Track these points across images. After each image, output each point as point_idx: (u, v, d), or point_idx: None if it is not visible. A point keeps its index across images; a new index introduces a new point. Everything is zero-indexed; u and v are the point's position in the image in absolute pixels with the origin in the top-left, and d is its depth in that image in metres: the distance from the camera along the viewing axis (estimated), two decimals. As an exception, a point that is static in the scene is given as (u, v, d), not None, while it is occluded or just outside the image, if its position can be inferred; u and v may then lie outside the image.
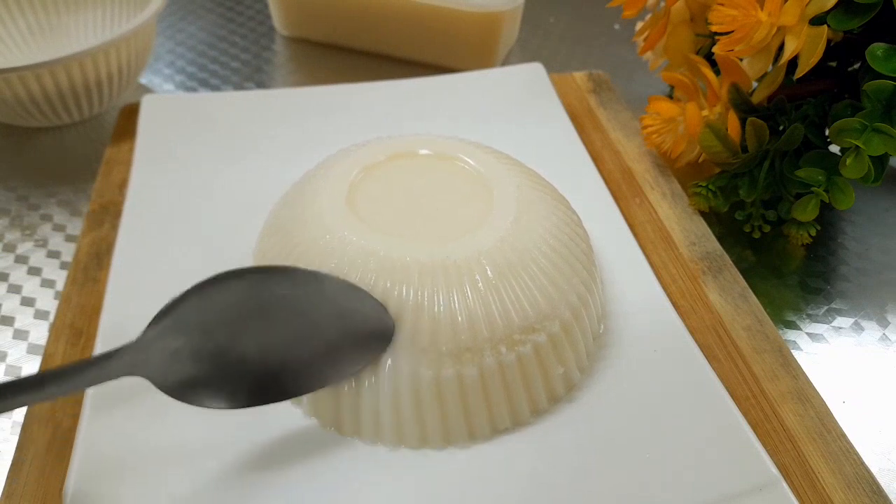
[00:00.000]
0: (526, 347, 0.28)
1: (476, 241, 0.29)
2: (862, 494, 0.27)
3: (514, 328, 0.28)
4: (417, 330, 0.27)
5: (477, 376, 0.27)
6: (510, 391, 0.28)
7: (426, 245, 0.28)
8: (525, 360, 0.28)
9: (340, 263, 0.28)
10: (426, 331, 0.27)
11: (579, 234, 0.32)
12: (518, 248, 0.29)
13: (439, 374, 0.27)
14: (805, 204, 0.36)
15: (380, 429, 0.28)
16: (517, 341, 0.28)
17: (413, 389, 0.27)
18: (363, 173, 0.32)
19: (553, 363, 0.29)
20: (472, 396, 0.28)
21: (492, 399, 0.28)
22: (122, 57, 0.44)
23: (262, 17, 0.60)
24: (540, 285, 0.28)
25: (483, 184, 0.32)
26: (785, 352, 0.32)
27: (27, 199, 0.42)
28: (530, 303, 0.28)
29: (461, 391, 0.27)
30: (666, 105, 0.40)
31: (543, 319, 0.28)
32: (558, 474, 0.27)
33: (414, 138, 0.34)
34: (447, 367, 0.27)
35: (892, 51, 0.34)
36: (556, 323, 0.29)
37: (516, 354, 0.28)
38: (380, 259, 0.28)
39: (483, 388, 0.28)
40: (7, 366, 0.33)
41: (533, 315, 0.28)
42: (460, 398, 0.27)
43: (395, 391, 0.27)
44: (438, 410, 0.28)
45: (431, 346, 0.27)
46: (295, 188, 0.34)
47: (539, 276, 0.29)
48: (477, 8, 0.49)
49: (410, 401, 0.27)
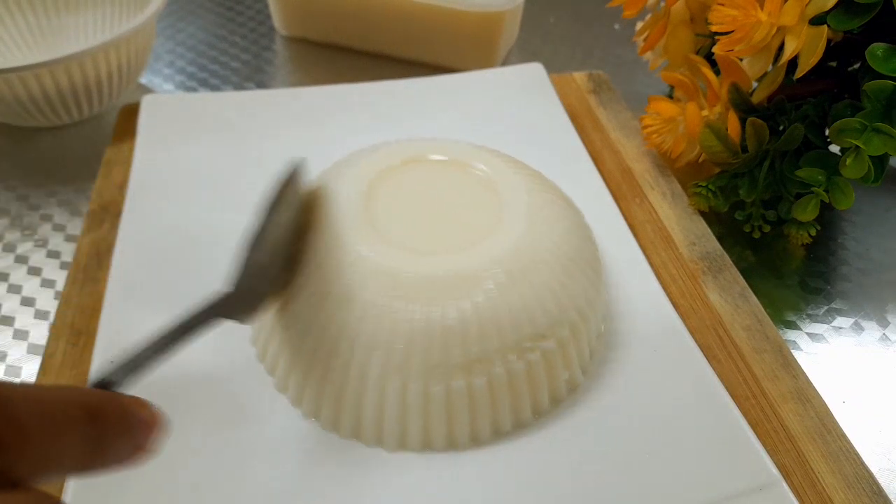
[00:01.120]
0: (535, 354, 0.28)
1: (489, 249, 0.28)
2: (862, 494, 0.27)
3: (525, 336, 0.28)
4: (430, 346, 0.27)
5: (485, 385, 0.27)
6: (515, 396, 0.28)
7: (439, 258, 0.28)
8: (533, 366, 0.28)
9: (351, 281, 0.28)
10: (438, 346, 0.27)
11: (588, 237, 0.32)
12: (530, 253, 0.29)
13: (449, 387, 0.27)
14: (805, 204, 0.36)
15: (382, 433, 0.28)
16: (527, 349, 0.28)
17: (422, 404, 0.27)
18: (377, 179, 0.32)
19: (560, 368, 0.29)
20: (480, 403, 0.28)
21: (497, 404, 0.28)
22: (121, 57, 0.44)
23: (262, 17, 0.60)
24: (551, 290, 0.28)
25: (494, 189, 0.31)
26: (785, 352, 0.32)
27: (27, 199, 0.42)
28: (542, 309, 0.28)
29: (470, 400, 0.27)
30: (666, 105, 0.40)
31: (553, 325, 0.28)
32: (558, 475, 0.27)
33: (426, 143, 0.34)
34: (457, 380, 0.27)
35: (892, 51, 0.34)
36: (565, 328, 0.29)
37: (525, 362, 0.28)
38: (393, 278, 0.27)
39: (490, 395, 0.28)
40: (7, 366, 0.33)
41: (544, 322, 0.28)
42: (468, 407, 0.27)
43: (401, 403, 0.27)
44: (445, 418, 0.27)
45: (443, 361, 0.27)
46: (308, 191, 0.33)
47: (550, 282, 0.29)
48: (477, 8, 0.49)
49: (418, 413, 0.27)
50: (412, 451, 0.28)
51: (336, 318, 0.27)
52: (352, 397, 0.28)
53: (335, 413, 0.28)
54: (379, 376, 0.27)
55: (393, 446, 0.28)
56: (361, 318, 0.27)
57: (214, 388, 0.30)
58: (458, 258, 0.28)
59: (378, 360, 0.27)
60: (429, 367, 0.27)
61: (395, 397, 0.27)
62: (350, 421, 0.28)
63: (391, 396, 0.27)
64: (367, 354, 0.27)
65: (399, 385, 0.27)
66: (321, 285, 0.28)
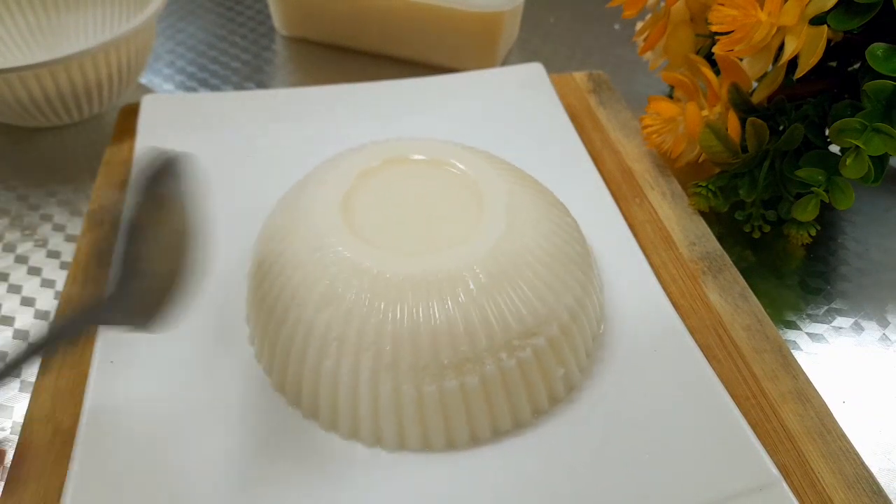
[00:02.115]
0: (526, 352, 0.28)
1: (468, 250, 0.29)
2: (862, 494, 0.27)
3: (513, 333, 0.28)
4: (418, 347, 0.27)
5: (479, 384, 0.27)
6: (511, 395, 0.28)
7: (419, 258, 0.28)
8: (525, 364, 0.28)
9: (334, 282, 0.28)
10: (426, 346, 0.27)
11: (574, 237, 0.32)
12: (511, 253, 0.29)
13: (442, 387, 0.27)
14: (805, 204, 0.36)
15: (381, 433, 0.28)
16: (517, 346, 0.28)
17: (417, 404, 0.27)
18: (357, 181, 0.32)
19: (553, 365, 0.29)
20: (475, 403, 0.28)
21: (494, 403, 0.28)
22: (121, 57, 0.44)
23: (262, 17, 0.60)
24: (535, 289, 0.29)
25: (475, 189, 0.32)
26: (785, 352, 0.32)
27: (27, 199, 0.42)
28: (527, 307, 0.28)
29: (465, 399, 0.27)
30: (666, 105, 0.40)
31: (541, 323, 0.28)
32: (558, 475, 0.27)
33: (407, 143, 0.34)
34: (450, 379, 0.27)
35: (892, 51, 0.34)
36: (553, 326, 0.29)
37: (516, 360, 0.28)
38: (373, 278, 0.28)
39: (485, 395, 0.28)
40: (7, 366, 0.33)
41: (531, 320, 0.28)
42: (464, 406, 0.28)
43: (397, 405, 0.27)
44: (441, 418, 0.28)
45: (433, 361, 0.27)
46: (291, 194, 0.34)
47: (534, 280, 0.29)
48: (477, 8, 0.49)
49: (414, 413, 0.27)
50: (411, 450, 0.28)
51: (322, 319, 0.28)
52: (347, 398, 0.28)
53: (332, 414, 0.28)
54: (370, 378, 0.27)
55: (392, 446, 0.28)
56: (348, 319, 0.27)
57: (212, 387, 0.30)
58: (438, 259, 0.28)
59: (367, 362, 0.27)
60: (419, 367, 0.27)
61: (389, 398, 0.27)
62: (347, 421, 0.28)
63: (384, 397, 0.27)
64: (357, 355, 0.27)
65: (391, 386, 0.27)
66: (303, 286, 0.28)
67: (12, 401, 0.32)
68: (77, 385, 0.30)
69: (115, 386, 0.29)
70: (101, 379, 0.29)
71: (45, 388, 0.30)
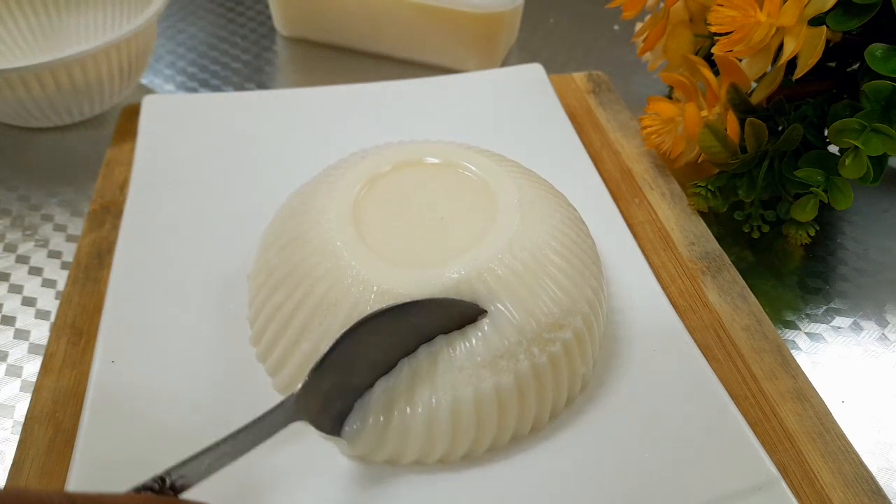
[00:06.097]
0: (556, 347, 0.28)
1: (484, 249, 0.28)
2: (861, 493, 0.27)
3: (543, 327, 0.27)
4: (451, 355, 0.27)
5: (513, 383, 0.27)
6: (541, 395, 0.28)
7: (434, 270, 0.28)
8: (556, 360, 0.28)
9: (358, 303, 0.27)
10: (461, 352, 0.27)
11: (583, 230, 0.32)
12: (528, 248, 0.29)
13: (479, 388, 0.27)
14: (804, 204, 0.36)
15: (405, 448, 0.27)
16: (547, 340, 0.28)
17: (453, 411, 0.27)
18: (369, 186, 0.32)
19: (578, 362, 0.29)
20: (508, 405, 0.27)
21: (525, 405, 0.28)
22: (122, 57, 0.44)
23: (263, 17, 0.61)
24: (557, 281, 0.28)
25: (486, 189, 0.32)
26: (784, 351, 0.32)
27: (28, 199, 0.42)
28: (553, 299, 0.28)
29: (498, 402, 0.27)
30: (665, 105, 0.40)
31: (567, 315, 0.28)
32: (558, 475, 0.27)
33: (418, 146, 0.34)
34: (485, 380, 0.27)
35: (891, 51, 0.34)
36: (577, 318, 0.29)
37: (548, 355, 0.28)
38: (394, 297, 0.27)
39: (519, 395, 0.27)
40: (8, 365, 0.33)
41: (557, 311, 0.28)
42: (496, 409, 0.27)
43: (429, 419, 0.27)
44: (473, 424, 0.27)
45: (468, 362, 0.27)
46: (300, 198, 0.33)
47: (555, 273, 0.29)
48: (477, 8, 0.49)
49: (447, 423, 0.27)
50: (429, 463, 0.28)
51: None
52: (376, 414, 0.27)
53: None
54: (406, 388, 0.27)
55: (411, 458, 0.28)
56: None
57: (214, 387, 0.30)
58: (456, 263, 0.28)
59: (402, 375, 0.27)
60: (455, 370, 0.27)
61: (423, 409, 0.27)
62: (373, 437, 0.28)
63: (417, 403, 0.27)
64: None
65: (427, 393, 0.27)
66: (324, 300, 0.28)
67: (13, 401, 0.32)
68: (77, 385, 0.30)
69: (115, 386, 0.29)
70: (101, 379, 0.29)
71: (46, 388, 0.30)
